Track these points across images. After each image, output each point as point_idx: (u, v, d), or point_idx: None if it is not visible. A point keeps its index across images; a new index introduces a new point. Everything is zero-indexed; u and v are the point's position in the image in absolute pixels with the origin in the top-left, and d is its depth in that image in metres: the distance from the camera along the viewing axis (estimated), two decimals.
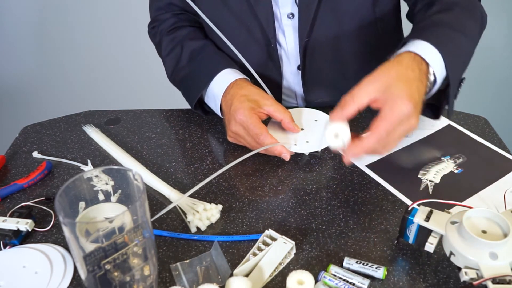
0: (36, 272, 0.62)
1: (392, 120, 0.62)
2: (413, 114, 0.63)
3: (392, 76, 0.64)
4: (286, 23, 0.90)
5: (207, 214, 0.69)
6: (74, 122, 0.94)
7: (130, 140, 0.89)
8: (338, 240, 0.66)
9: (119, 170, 0.54)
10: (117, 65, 2.03)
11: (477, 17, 0.80)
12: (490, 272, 0.52)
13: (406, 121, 0.63)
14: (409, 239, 0.62)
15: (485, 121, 0.90)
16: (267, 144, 0.77)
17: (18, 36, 2.03)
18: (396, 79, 0.64)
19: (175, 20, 0.98)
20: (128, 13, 1.91)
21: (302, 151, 0.80)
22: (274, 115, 0.81)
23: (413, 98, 0.63)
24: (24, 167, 0.82)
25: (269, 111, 0.80)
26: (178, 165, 0.82)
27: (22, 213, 0.70)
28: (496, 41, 1.91)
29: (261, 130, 0.77)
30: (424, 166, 0.79)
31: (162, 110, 0.97)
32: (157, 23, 1.00)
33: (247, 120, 0.78)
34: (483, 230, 0.56)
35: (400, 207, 0.71)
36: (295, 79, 0.97)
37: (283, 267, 0.62)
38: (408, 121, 0.63)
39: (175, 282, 0.60)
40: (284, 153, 0.78)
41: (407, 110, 0.62)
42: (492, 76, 1.99)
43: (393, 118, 0.62)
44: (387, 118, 0.63)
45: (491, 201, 0.72)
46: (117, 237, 0.48)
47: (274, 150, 0.78)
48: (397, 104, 0.62)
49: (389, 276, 0.61)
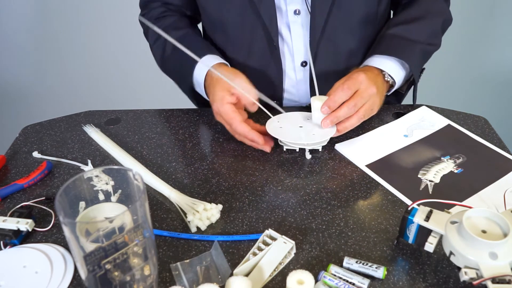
0: (36, 272, 0.62)
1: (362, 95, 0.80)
2: (376, 95, 0.82)
3: (359, 77, 0.81)
4: (292, 20, 0.90)
5: (207, 214, 0.69)
6: (74, 122, 0.94)
7: (130, 140, 0.89)
8: (338, 240, 0.66)
9: (119, 170, 0.54)
10: (117, 65, 2.03)
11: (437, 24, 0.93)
12: (490, 272, 0.52)
13: (371, 99, 0.81)
14: (409, 239, 0.62)
15: (485, 121, 0.90)
16: (239, 131, 0.80)
17: (18, 36, 2.03)
18: (356, 73, 0.82)
19: (163, 9, 1.00)
20: (128, 13, 1.91)
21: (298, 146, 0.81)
22: (242, 99, 0.82)
23: (376, 85, 0.81)
24: (24, 167, 0.83)
25: (238, 96, 0.82)
26: (178, 165, 0.82)
27: (22, 213, 0.70)
28: (496, 41, 1.91)
29: (232, 119, 0.80)
30: (424, 166, 0.79)
31: (162, 110, 0.97)
32: (146, 10, 1.02)
33: (219, 110, 0.82)
34: (483, 230, 0.56)
35: (400, 207, 0.71)
36: (298, 75, 0.97)
37: (283, 267, 0.62)
38: (373, 100, 0.81)
39: (175, 282, 0.60)
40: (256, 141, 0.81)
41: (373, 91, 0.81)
42: (492, 76, 1.99)
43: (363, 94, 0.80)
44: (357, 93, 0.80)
45: (491, 201, 0.72)
46: (117, 237, 0.48)
47: (246, 137, 0.81)
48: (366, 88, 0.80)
49: (389, 276, 0.61)
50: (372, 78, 0.82)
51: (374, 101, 0.81)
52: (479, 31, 1.87)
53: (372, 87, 0.80)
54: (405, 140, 0.85)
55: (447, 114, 0.92)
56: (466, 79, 2.00)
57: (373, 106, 0.82)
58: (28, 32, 2.02)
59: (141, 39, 1.07)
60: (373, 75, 0.84)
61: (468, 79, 1.99)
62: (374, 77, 0.83)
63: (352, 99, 0.79)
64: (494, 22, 1.86)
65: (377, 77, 0.85)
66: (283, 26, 0.92)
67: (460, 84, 2.00)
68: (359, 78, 0.80)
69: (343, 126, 0.81)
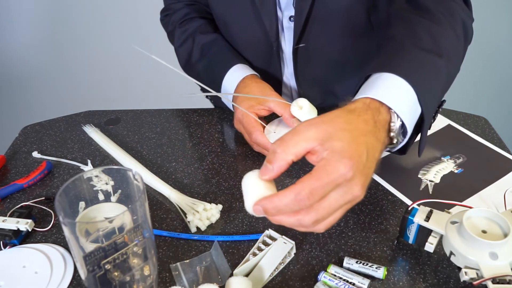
0: (36, 272, 0.62)
1: (322, 180, 0.47)
2: (354, 179, 0.48)
3: (337, 125, 0.50)
4: (286, 25, 0.90)
5: (207, 214, 0.69)
6: (74, 122, 0.94)
7: (130, 140, 0.89)
8: (338, 240, 0.66)
9: (119, 170, 0.54)
10: (117, 65, 2.03)
11: (457, 27, 0.68)
12: (490, 272, 0.52)
13: (344, 186, 0.48)
14: (409, 239, 0.62)
15: (485, 121, 0.90)
16: (259, 142, 0.78)
17: (18, 36, 2.03)
18: (341, 130, 0.50)
19: (187, 11, 0.99)
20: (128, 13, 1.91)
21: None
22: (275, 110, 0.81)
23: (356, 158, 0.48)
24: (24, 167, 0.82)
25: (270, 107, 0.81)
26: (178, 165, 0.82)
27: (22, 213, 0.70)
28: (497, 40, 1.91)
29: (253, 128, 0.78)
30: (424, 166, 0.79)
31: (162, 110, 0.97)
32: (169, 11, 1.02)
33: (243, 119, 0.80)
34: (483, 230, 0.56)
35: (400, 207, 0.71)
36: (292, 82, 0.98)
37: (283, 267, 0.62)
38: (348, 188, 0.48)
39: (175, 282, 0.60)
40: None
41: (344, 171, 0.47)
42: (493, 76, 1.99)
43: (324, 178, 0.47)
44: (316, 175, 0.47)
45: (491, 201, 0.71)
46: (117, 237, 0.48)
47: (265, 148, 0.78)
48: (333, 162, 0.47)
49: (389, 276, 0.61)
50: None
51: (352, 194, 0.49)
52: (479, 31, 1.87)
53: (346, 166, 0.47)
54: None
55: (447, 114, 0.92)
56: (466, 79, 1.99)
57: (351, 201, 0.50)
58: (28, 33, 2.02)
59: (141, 39, 1.08)
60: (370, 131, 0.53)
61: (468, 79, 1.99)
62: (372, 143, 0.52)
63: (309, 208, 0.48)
64: (494, 20, 1.86)
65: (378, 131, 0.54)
66: (281, 31, 0.92)
67: (460, 84, 2.00)
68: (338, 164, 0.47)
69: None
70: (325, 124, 0.50)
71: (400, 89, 0.56)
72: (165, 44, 1.06)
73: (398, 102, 0.55)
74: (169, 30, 1.02)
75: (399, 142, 0.60)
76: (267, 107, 0.81)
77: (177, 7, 1.00)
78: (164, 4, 1.04)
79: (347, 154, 0.48)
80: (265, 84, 0.84)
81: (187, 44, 0.96)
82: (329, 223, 0.50)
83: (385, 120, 0.55)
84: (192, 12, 0.99)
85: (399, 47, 0.62)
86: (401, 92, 0.57)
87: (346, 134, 0.49)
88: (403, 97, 0.56)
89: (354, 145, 0.49)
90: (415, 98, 0.57)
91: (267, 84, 0.85)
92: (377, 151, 0.53)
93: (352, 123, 0.51)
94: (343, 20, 0.86)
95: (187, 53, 0.96)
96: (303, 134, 0.49)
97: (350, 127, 0.50)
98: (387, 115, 0.55)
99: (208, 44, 0.94)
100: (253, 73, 0.88)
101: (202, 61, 0.94)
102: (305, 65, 0.92)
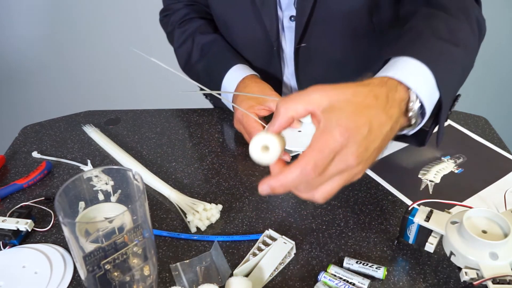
0: (35, 272, 0.62)
1: (323, 149, 0.46)
2: (349, 147, 0.47)
3: (343, 95, 0.49)
4: (287, 25, 0.90)
5: (207, 214, 0.69)
6: (74, 122, 0.94)
7: (130, 140, 0.88)
8: (338, 240, 0.66)
9: (119, 170, 0.54)
10: (117, 65, 2.03)
11: (472, 22, 0.69)
12: (490, 272, 0.52)
13: (339, 157, 0.47)
14: (409, 239, 0.62)
15: (485, 121, 0.90)
16: None
17: (18, 36, 2.03)
18: (345, 101, 0.49)
19: (186, 11, 0.99)
20: (128, 13, 1.91)
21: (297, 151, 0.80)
22: (275, 110, 0.81)
23: (353, 129, 0.47)
24: (24, 167, 0.82)
25: (270, 107, 0.81)
26: (178, 165, 0.82)
27: (21, 213, 0.70)
28: (497, 40, 1.91)
29: (253, 129, 0.78)
30: (424, 166, 0.79)
31: (162, 110, 0.97)
32: (169, 12, 1.01)
33: (243, 119, 0.80)
34: (483, 230, 0.56)
35: (400, 207, 0.71)
36: (292, 82, 0.98)
37: (283, 267, 0.62)
38: (342, 156, 0.47)
39: (175, 282, 0.60)
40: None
41: (340, 140, 0.46)
42: (493, 76, 1.99)
43: (324, 146, 0.46)
44: (316, 144, 0.47)
45: (491, 201, 0.71)
46: (117, 237, 0.48)
47: None
48: (329, 130, 0.47)
49: (389, 276, 0.61)
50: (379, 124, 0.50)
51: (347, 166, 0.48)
52: None
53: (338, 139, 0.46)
54: None
55: None
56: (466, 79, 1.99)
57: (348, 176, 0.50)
58: (29, 33, 2.02)
59: (141, 39, 1.08)
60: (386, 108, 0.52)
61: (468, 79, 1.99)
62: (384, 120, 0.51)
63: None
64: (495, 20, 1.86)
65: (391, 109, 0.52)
66: (281, 31, 0.91)
67: None
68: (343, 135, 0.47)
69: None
70: (332, 91, 0.50)
71: (420, 72, 0.56)
72: (165, 44, 1.06)
73: (418, 84, 0.55)
74: (169, 30, 1.02)
75: (417, 124, 0.58)
76: (267, 107, 0.81)
77: (176, 7, 1.00)
78: (164, 4, 1.04)
79: (344, 124, 0.47)
80: (265, 84, 0.84)
81: (186, 44, 0.96)
82: (327, 191, 0.50)
83: (401, 98, 0.54)
84: (192, 13, 0.99)
85: (418, 36, 0.62)
86: (421, 76, 0.56)
87: (349, 105, 0.48)
88: (423, 81, 0.56)
89: (354, 117, 0.48)
90: (433, 84, 0.57)
91: (267, 84, 0.85)
92: (384, 126, 0.50)
93: (360, 96, 0.50)
94: (345, 20, 0.86)
95: (187, 54, 0.96)
96: (307, 95, 0.50)
97: (356, 99, 0.49)
98: (404, 94, 0.54)
99: (208, 45, 0.94)
100: (253, 73, 0.88)
101: (202, 62, 0.94)
102: (306, 64, 0.92)
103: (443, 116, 0.60)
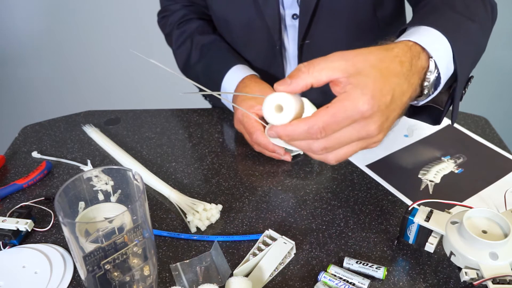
0: (35, 272, 0.62)
1: (338, 114, 0.46)
2: (373, 117, 0.47)
3: (369, 61, 0.48)
4: (289, 24, 0.90)
5: (207, 214, 0.69)
6: (74, 122, 0.94)
7: (130, 140, 0.88)
8: (338, 240, 0.66)
9: (118, 170, 0.54)
10: (117, 65, 2.03)
11: (486, 4, 0.70)
12: (491, 272, 0.52)
13: (361, 124, 0.47)
14: (409, 239, 0.62)
15: (486, 121, 0.90)
16: (260, 142, 0.77)
17: (18, 36, 2.03)
18: (371, 67, 0.48)
19: (185, 12, 0.99)
20: (128, 13, 1.91)
21: (297, 151, 0.80)
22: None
23: (378, 97, 0.46)
24: (24, 167, 0.82)
25: None
26: (178, 165, 0.82)
27: (21, 213, 0.69)
28: (497, 40, 1.91)
29: (254, 129, 0.78)
30: (424, 166, 0.79)
31: (162, 110, 0.97)
32: (167, 13, 1.01)
33: (243, 119, 0.80)
34: (483, 230, 0.56)
35: (400, 207, 0.71)
36: None
37: (283, 267, 0.62)
38: (364, 125, 0.47)
39: (175, 282, 0.60)
40: (278, 152, 0.77)
41: (363, 109, 0.46)
42: (493, 76, 1.99)
43: (340, 113, 0.46)
44: (331, 111, 0.46)
45: (491, 201, 0.71)
46: (117, 237, 0.48)
47: (267, 148, 0.78)
48: (353, 97, 0.46)
49: (389, 276, 0.61)
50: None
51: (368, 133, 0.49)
52: None
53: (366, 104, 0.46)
54: (405, 140, 0.85)
55: (447, 114, 0.91)
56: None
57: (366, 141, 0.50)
58: (28, 32, 2.02)
59: (141, 39, 1.07)
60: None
61: None
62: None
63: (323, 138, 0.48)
64: None
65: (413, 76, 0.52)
66: (284, 29, 0.91)
67: None
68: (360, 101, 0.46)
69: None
70: (356, 57, 0.48)
71: (440, 42, 0.55)
72: (165, 44, 1.06)
73: (438, 53, 0.54)
74: (167, 32, 1.02)
75: (429, 95, 0.58)
76: None
77: (174, 8, 1.00)
78: (161, 6, 1.03)
79: (370, 91, 0.46)
80: (265, 84, 0.84)
81: (185, 45, 0.96)
82: (340, 155, 0.50)
83: (422, 66, 0.53)
84: (190, 13, 0.99)
85: (435, 9, 0.62)
86: (441, 45, 0.55)
87: (375, 71, 0.47)
88: (443, 50, 0.55)
89: (380, 84, 0.47)
90: (450, 56, 0.56)
91: (267, 84, 0.85)
92: (405, 95, 0.50)
93: (385, 61, 0.49)
94: (349, 16, 0.86)
95: (186, 54, 0.96)
96: (331, 62, 0.48)
97: (382, 65, 0.48)
98: (425, 62, 0.53)
99: (207, 45, 0.94)
100: (252, 73, 0.88)
101: (201, 62, 0.94)
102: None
103: (458, 92, 0.59)
